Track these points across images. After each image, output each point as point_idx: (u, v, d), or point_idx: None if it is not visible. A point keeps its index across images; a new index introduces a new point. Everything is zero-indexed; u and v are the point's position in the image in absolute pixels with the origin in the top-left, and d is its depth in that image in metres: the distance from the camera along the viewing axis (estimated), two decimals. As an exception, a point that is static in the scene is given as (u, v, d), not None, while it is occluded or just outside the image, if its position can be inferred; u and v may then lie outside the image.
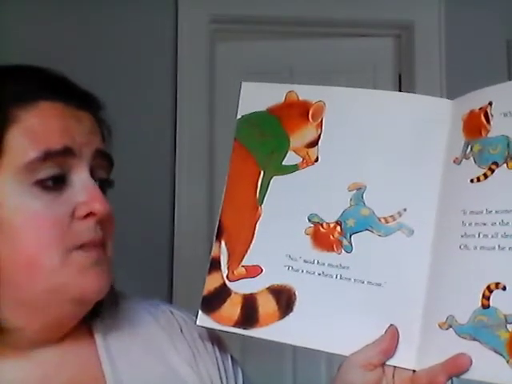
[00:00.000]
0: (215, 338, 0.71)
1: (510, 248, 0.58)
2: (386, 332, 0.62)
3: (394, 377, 0.62)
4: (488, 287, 0.58)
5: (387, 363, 0.62)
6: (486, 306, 0.58)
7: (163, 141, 1.85)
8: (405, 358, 0.62)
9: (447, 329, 0.60)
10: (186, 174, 1.84)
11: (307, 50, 2.00)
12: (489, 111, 0.62)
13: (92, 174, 0.61)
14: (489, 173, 0.61)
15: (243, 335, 0.67)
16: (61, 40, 1.78)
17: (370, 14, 1.88)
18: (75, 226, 0.58)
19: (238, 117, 0.72)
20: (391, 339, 0.62)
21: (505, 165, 0.60)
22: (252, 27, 1.91)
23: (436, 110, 0.65)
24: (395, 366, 0.62)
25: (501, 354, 0.57)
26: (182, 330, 0.70)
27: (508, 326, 0.56)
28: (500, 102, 0.61)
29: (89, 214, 0.59)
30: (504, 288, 0.57)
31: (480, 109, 0.62)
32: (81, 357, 0.63)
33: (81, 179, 0.59)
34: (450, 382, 0.59)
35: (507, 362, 0.56)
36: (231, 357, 0.72)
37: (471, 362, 0.57)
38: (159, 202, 1.82)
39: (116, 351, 0.64)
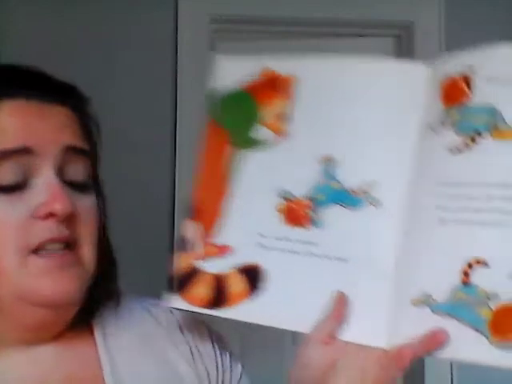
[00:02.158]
0: (215, 336, 0.70)
1: (494, 224, 0.55)
2: (333, 299, 0.60)
3: (362, 357, 0.59)
4: (469, 263, 0.55)
5: (356, 342, 0.59)
6: (466, 283, 0.55)
7: (164, 140, 1.85)
8: (374, 336, 0.59)
9: (422, 306, 0.57)
10: (186, 171, 1.83)
11: (307, 50, 1.98)
12: (471, 77, 0.58)
13: (62, 171, 0.59)
14: (471, 143, 0.57)
15: (213, 316, 0.65)
16: (60, 40, 1.79)
17: (370, 14, 1.86)
18: (35, 227, 0.57)
19: (211, 91, 0.70)
20: (339, 304, 0.59)
21: (489, 134, 0.57)
22: (252, 27, 1.90)
23: (411, 75, 0.62)
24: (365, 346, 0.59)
25: (482, 333, 0.54)
26: (181, 329, 0.69)
27: (490, 303, 0.54)
28: (484, 66, 0.58)
29: (49, 215, 0.56)
30: (486, 264, 0.54)
31: (461, 74, 0.59)
32: (80, 355, 0.62)
33: (43, 179, 0.57)
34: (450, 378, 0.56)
35: (489, 341, 0.53)
36: (230, 353, 0.71)
37: (448, 337, 0.55)
38: (160, 190, 1.81)
39: (115, 349, 0.63)
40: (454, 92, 0.59)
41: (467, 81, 0.59)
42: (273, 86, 0.68)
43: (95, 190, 0.62)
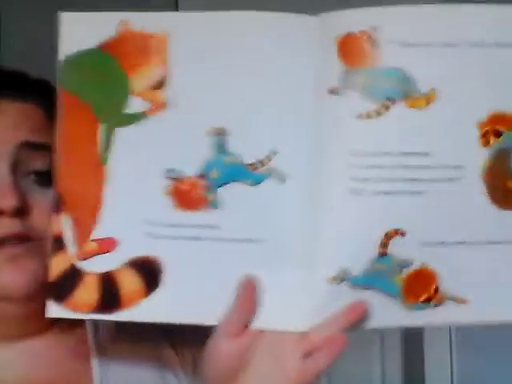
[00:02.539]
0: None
1: (409, 192, 0.53)
2: (239, 285, 0.55)
3: (280, 344, 0.54)
4: (386, 234, 0.54)
5: (272, 328, 0.55)
6: (383, 254, 0.54)
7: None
8: (291, 320, 0.55)
9: (339, 283, 0.54)
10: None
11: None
12: (374, 36, 0.53)
13: (17, 167, 0.59)
14: (382, 109, 0.53)
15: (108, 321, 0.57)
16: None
17: None
18: None
19: (62, 57, 0.57)
20: (247, 290, 0.55)
21: (402, 102, 0.53)
22: None
23: (301, 29, 0.56)
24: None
25: (396, 298, 0.55)
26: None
27: (403, 269, 0.54)
28: (390, 28, 0.53)
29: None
30: (403, 234, 0.54)
31: (361, 32, 0.54)
32: (69, 349, 0.63)
33: None
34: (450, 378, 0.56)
35: (401, 304, 0.55)
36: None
37: (368, 308, 0.54)
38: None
39: (107, 344, 0.64)
40: (357, 52, 0.54)
41: (371, 41, 0.53)
42: (141, 46, 0.57)
43: None
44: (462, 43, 0.53)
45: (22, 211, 0.58)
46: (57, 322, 0.62)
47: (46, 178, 0.60)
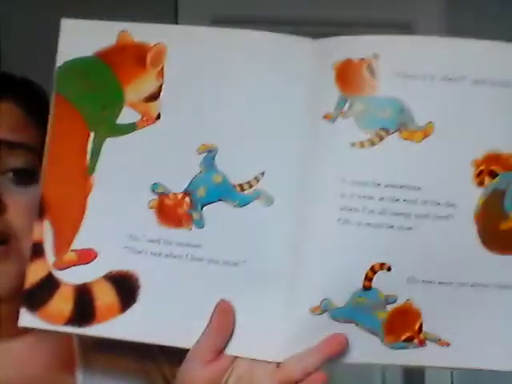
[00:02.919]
0: None
1: (399, 227, 0.51)
2: (214, 309, 0.53)
3: (255, 374, 0.52)
4: (372, 268, 0.52)
5: (247, 356, 0.53)
6: (367, 288, 0.52)
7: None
8: (268, 349, 0.53)
9: (320, 314, 0.52)
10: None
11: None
12: (374, 65, 0.52)
13: None
14: (376, 139, 0.52)
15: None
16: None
17: (370, 14, 1.80)
18: None
19: (59, 64, 0.57)
20: (222, 315, 0.53)
21: (397, 133, 0.52)
22: (252, 27, 1.76)
23: (297, 50, 0.54)
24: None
25: (376, 334, 0.53)
26: None
27: (387, 306, 0.53)
28: (390, 57, 0.52)
29: None
30: (389, 269, 0.52)
31: (361, 60, 0.52)
32: (52, 353, 0.63)
33: None
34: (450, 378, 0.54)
35: (381, 340, 0.53)
36: None
37: (348, 342, 0.52)
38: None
39: (93, 353, 0.63)
40: (355, 79, 0.53)
41: (370, 69, 0.52)
42: (137, 56, 0.56)
43: None
44: (465, 79, 0.52)
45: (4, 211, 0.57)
46: None
47: (23, 177, 0.60)
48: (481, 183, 0.52)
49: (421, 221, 0.52)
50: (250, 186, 0.54)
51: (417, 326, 0.52)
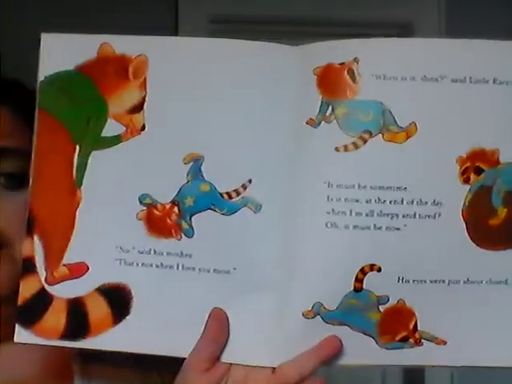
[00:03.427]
0: None
1: (387, 228, 0.52)
2: (208, 317, 0.53)
3: (251, 380, 0.53)
4: (362, 269, 0.52)
5: (243, 363, 0.53)
6: (358, 290, 0.52)
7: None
8: (263, 355, 0.54)
9: (313, 317, 0.53)
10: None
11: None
12: (354, 69, 0.52)
13: None
14: (360, 143, 0.52)
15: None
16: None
17: (370, 13, 1.79)
18: None
19: (41, 78, 0.57)
20: (216, 323, 0.53)
21: (380, 135, 0.52)
22: (252, 27, 1.78)
23: (280, 58, 0.54)
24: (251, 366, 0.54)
25: (371, 335, 0.53)
26: None
27: (380, 306, 0.53)
28: (370, 60, 0.52)
29: None
30: (379, 270, 0.52)
31: (341, 64, 0.52)
32: (50, 354, 0.62)
33: None
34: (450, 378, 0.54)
35: (377, 342, 0.53)
36: None
37: (342, 344, 0.53)
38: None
39: (92, 364, 0.63)
40: (336, 84, 0.53)
41: (351, 73, 0.52)
42: (119, 68, 0.56)
43: None
44: (444, 78, 0.52)
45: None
46: None
47: (14, 181, 0.59)
48: (467, 180, 0.53)
49: (408, 221, 0.52)
50: (238, 194, 0.54)
51: (411, 326, 0.53)
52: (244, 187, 0.54)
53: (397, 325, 0.53)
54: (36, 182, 0.57)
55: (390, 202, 0.52)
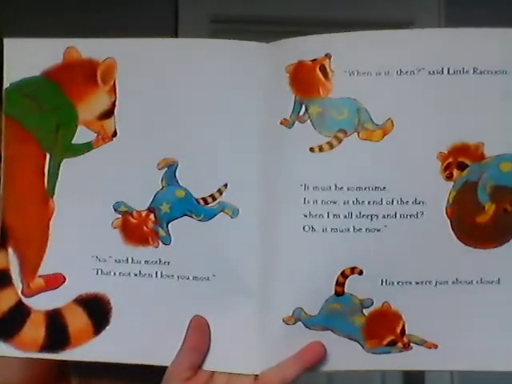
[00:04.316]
0: None
1: (367, 229, 0.50)
2: (188, 326, 0.52)
3: None
4: (342, 273, 0.51)
5: (224, 370, 0.53)
6: (339, 293, 0.51)
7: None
8: (244, 362, 0.53)
9: (294, 323, 0.52)
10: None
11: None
12: (326, 65, 0.50)
13: None
14: (335, 142, 0.50)
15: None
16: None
17: (370, 13, 1.78)
18: None
19: (6, 85, 0.55)
20: (196, 331, 0.52)
21: (355, 134, 0.50)
22: (252, 27, 1.76)
23: (252, 57, 0.52)
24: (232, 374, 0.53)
25: (356, 340, 0.52)
26: None
27: (364, 310, 0.51)
28: (341, 56, 0.50)
29: None
30: (360, 273, 0.50)
31: (313, 61, 0.51)
32: (44, 364, 0.59)
33: None
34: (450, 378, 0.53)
35: (362, 346, 0.52)
36: None
37: (325, 350, 0.51)
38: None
39: (90, 377, 0.61)
40: (308, 81, 0.51)
41: (323, 70, 0.50)
42: (86, 73, 0.54)
43: None
44: (421, 70, 0.50)
45: None
46: None
47: None
48: (449, 177, 0.51)
49: (389, 221, 0.50)
50: (214, 199, 0.53)
51: (399, 329, 0.51)
52: (220, 192, 0.53)
53: (383, 328, 0.51)
54: (7, 192, 0.55)
55: (369, 203, 0.50)
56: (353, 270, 0.51)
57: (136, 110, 0.54)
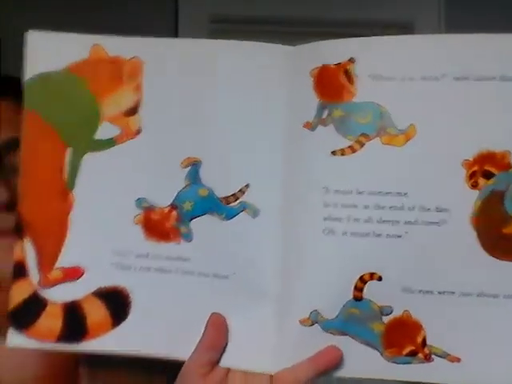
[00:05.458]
0: None
1: (387, 235, 0.50)
2: (207, 323, 0.54)
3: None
4: (361, 278, 0.51)
5: (241, 368, 0.54)
6: (358, 299, 0.51)
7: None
8: (260, 361, 0.53)
9: (311, 325, 0.53)
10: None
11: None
12: (351, 70, 0.51)
13: (5, 162, 0.58)
14: (357, 146, 0.51)
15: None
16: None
17: (370, 13, 1.76)
18: None
19: (27, 77, 0.55)
20: (215, 328, 0.53)
21: (378, 138, 0.51)
22: (252, 27, 1.75)
23: (276, 60, 0.53)
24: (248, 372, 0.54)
25: (375, 347, 0.52)
26: None
27: (383, 317, 0.51)
28: (367, 60, 0.50)
29: None
30: (380, 279, 0.51)
31: (337, 65, 0.51)
32: (54, 357, 0.61)
33: None
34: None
35: (381, 354, 0.51)
36: None
37: (342, 355, 0.52)
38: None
39: (100, 369, 0.62)
40: (332, 85, 0.51)
41: (348, 74, 0.51)
42: (113, 70, 0.55)
43: None
44: (445, 76, 0.50)
45: (13, 205, 0.56)
46: None
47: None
48: (475, 185, 0.49)
49: (410, 227, 0.50)
50: (236, 199, 0.54)
51: (419, 340, 0.50)
52: (242, 192, 0.54)
53: (403, 338, 0.50)
54: (25, 184, 0.55)
55: (390, 208, 0.50)
56: (372, 275, 0.51)
57: (161, 109, 0.54)
